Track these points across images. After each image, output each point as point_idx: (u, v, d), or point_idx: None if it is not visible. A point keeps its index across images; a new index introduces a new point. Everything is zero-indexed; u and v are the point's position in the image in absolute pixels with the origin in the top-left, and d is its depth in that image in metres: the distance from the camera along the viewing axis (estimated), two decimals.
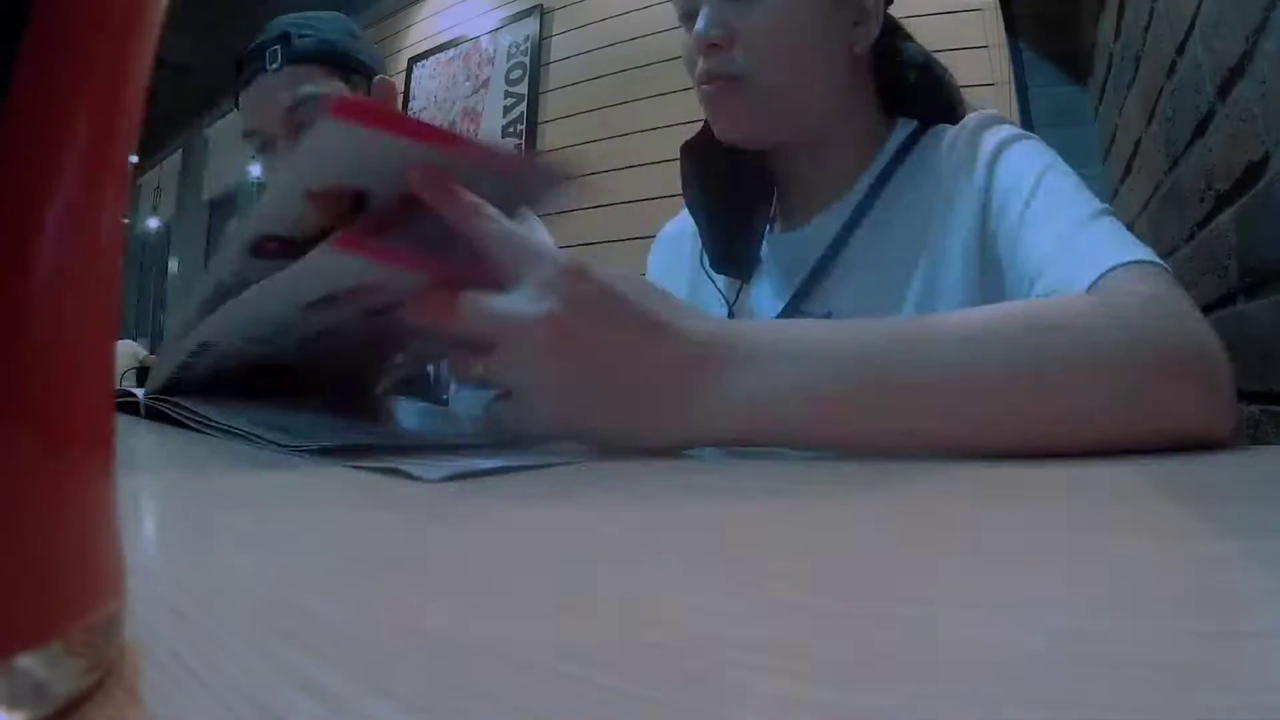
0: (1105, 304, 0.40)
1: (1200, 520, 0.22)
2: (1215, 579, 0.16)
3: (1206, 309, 0.96)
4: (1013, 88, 1.85)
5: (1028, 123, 1.81)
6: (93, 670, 0.10)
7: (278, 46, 0.88)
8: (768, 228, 0.69)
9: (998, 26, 1.90)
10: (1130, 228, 0.50)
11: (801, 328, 0.40)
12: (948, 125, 0.63)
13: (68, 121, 0.09)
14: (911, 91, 0.66)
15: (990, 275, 0.55)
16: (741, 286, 0.69)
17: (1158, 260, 0.45)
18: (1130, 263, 0.44)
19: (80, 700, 0.10)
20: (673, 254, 0.77)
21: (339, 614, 0.14)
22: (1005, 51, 1.89)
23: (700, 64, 0.60)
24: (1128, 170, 1.40)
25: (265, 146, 0.90)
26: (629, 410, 0.37)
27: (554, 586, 0.16)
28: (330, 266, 0.35)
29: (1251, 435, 0.84)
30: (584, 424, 0.37)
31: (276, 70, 0.88)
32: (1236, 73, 0.80)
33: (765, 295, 0.67)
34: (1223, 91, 0.85)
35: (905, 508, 0.25)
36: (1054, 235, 0.49)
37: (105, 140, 0.10)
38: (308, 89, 0.88)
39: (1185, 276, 1.06)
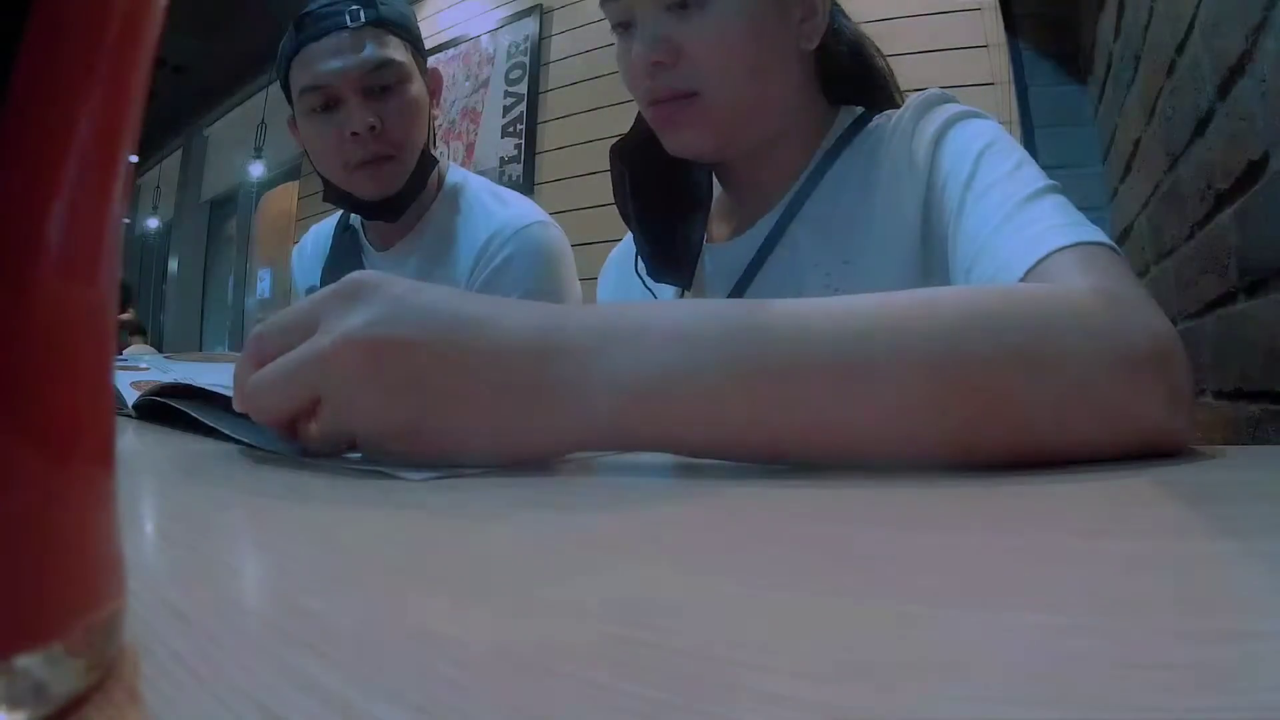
0: (1051, 293, 0.36)
1: (1200, 520, 0.22)
2: (1215, 579, 0.16)
3: (1206, 309, 0.96)
4: (1013, 88, 1.85)
5: (1027, 122, 1.81)
6: (93, 670, 0.10)
7: (359, 6, 0.85)
8: (705, 237, 0.65)
9: (998, 26, 1.90)
10: (1130, 227, 0.49)
11: (655, 307, 0.34)
12: (894, 110, 0.59)
13: (68, 121, 0.09)
14: (851, 77, 0.63)
15: (938, 265, 0.51)
16: (683, 294, 0.65)
17: (1104, 240, 0.41)
18: (1074, 245, 0.40)
19: (80, 700, 0.10)
20: (622, 274, 0.72)
21: (339, 614, 0.14)
22: (1005, 51, 1.88)
23: (646, 83, 0.56)
24: (1128, 170, 1.40)
25: (327, 105, 0.86)
26: (466, 419, 0.31)
27: (553, 586, 0.16)
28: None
29: (1251, 435, 0.84)
30: (429, 441, 0.32)
31: (359, 27, 0.85)
32: (1236, 72, 0.80)
33: None
34: (1223, 91, 0.85)
35: (905, 507, 0.25)
36: (990, 219, 0.46)
37: (105, 140, 0.10)
38: (392, 52, 0.86)
39: (1185, 276, 1.06)
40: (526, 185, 2.76)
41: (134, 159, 0.11)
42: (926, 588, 0.15)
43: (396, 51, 0.87)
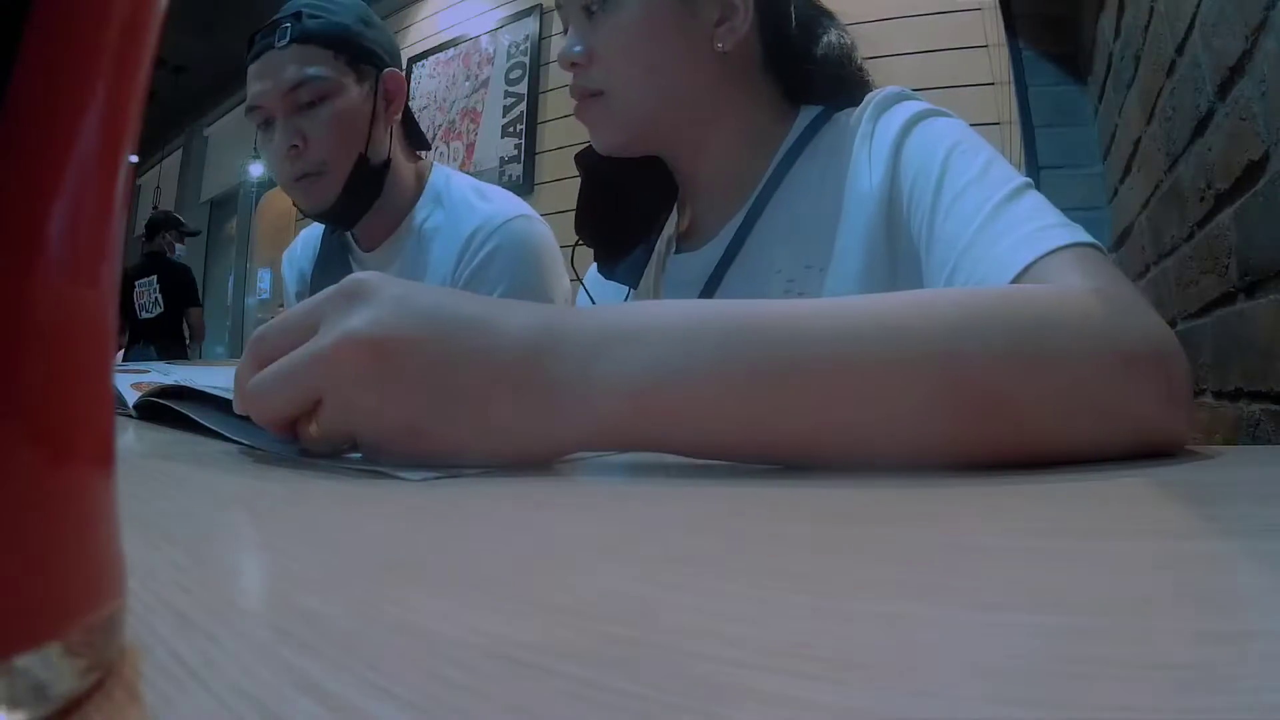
0: (1047, 293, 0.36)
1: (1200, 520, 0.22)
2: (1215, 579, 0.16)
3: (1206, 309, 0.96)
4: (1013, 88, 1.85)
5: (1028, 122, 1.81)
6: (93, 670, 0.10)
7: (289, 24, 0.88)
8: (673, 249, 0.67)
9: (998, 26, 1.90)
10: (1130, 227, 0.49)
11: (653, 308, 0.34)
12: (853, 109, 0.59)
13: (68, 121, 0.09)
14: (813, 78, 0.63)
15: (905, 268, 0.51)
16: (629, 294, 0.67)
17: (1090, 239, 0.41)
18: (1065, 247, 0.40)
19: (80, 700, 0.10)
20: (594, 281, 0.75)
21: (339, 614, 0.14)
22: (1005, 51, 1.88)
23: (572, 82, 0.61)
24: (1128, 170, 1.40)
25: (266, 124, 0.89)
26: (465, 419, 0.31)
27: (552, 586, 0.16)
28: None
29: (1251, 435, 0.84)
30: (429, 441, 0.31)
31: (284, 47, 0.87)
32: (1236, 72, 0.80)
33: None
34: (1223, 91, 0.85)
35: (904, 507, 0.25)
36: (967, 224, 0.45)
37: (105, 140, 0.10)
38: (311, 70, 0.87)
39: (1185, 276, 1.06)
40: (526, 185, 2.76)
41: (134, 159, 0.11)
42: (926, 587, 0.15)
43: (319, 68, 0.88)
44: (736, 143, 0.62)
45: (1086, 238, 0.41)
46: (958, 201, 0.47)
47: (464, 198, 0.97)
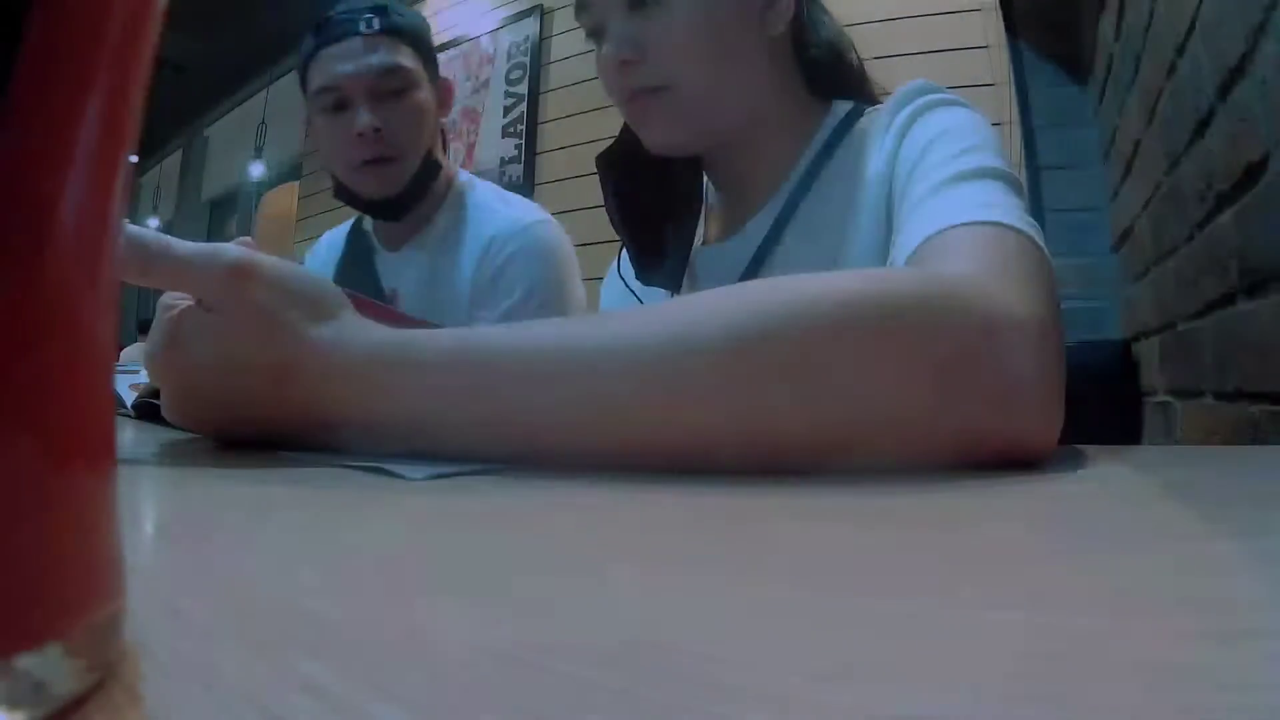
0: (876, 278, 0.35)
1: (1200, 520, 0.22)
2: (1215, 579, 0.16)
3: (1206, 309, 0.96)
4: (1013, 88, 1.85)
5: (1028, 123, 1.81)
6: (93, 670, 0.10)
7: (374, 15, 0.91)
8: (701, 241, 0.66)
9: (998, 26, 1.90)
10: (1130, 228, 0.48)
11: (422, 335, 0.36)
12: (882, 105, 0.59)
13: (68, 121, 0.09)
14: (833, 71, 0.63)
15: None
16: (672, 297, 0.65)
17: (1021, 225, 0.38)
18: (968, 224, 0.38)
19: (80, 700, 0.10)
20: (615, 282, 0.73)
21: (339, 614, 0.14)
22: (1005, 51, 1.88)
23: (618, 82, 0.59)
24: (1128, 170, 1.40)
25: (338, 106, 0.92)
26: (239, 402, 0.36)
27: (552, 586, 0.16)
28: None
29: (1251, 436, 0.84)
30: (208, 413, 0.38)
31: (372, 35, 0.90)
32: (1236, 73, 0.80)
33: None
34: (1223, 91, 0.85)
35: (905, 508, 0.25)
36: (912, 197, 0.45)
37: (106, 140, 0.10)
38: (402, 59, 0.92)
39: (1185, 277, 1.06)
40: (526, 186, 2.76)
41: (134, 159, 0.11)
42: (925, 588, 0.15)
43: (405, 59, 0.92)
44: (775, 134, 0.61)
45: (1016, 222, 0.39)
46: (918, 180, 0.47)
47: (487, 202, 1.01)
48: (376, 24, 0.91)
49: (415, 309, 0.91)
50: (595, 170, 0.66)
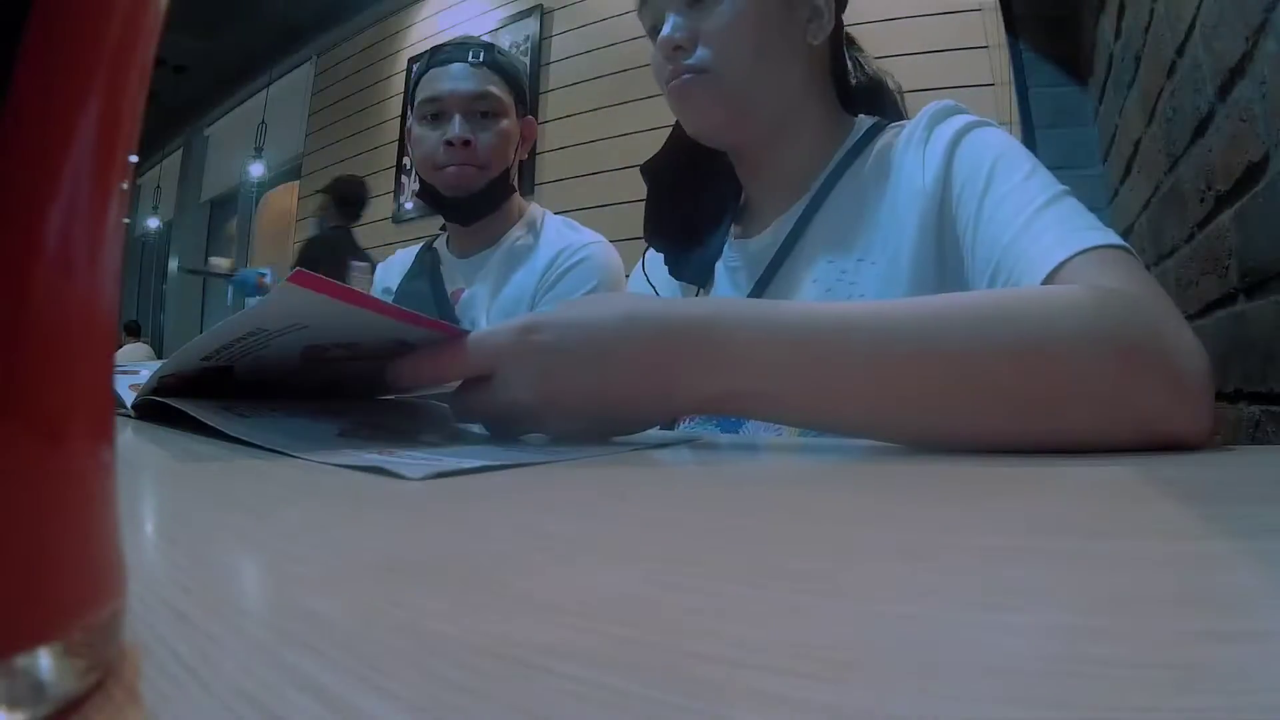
0: (1055, 293, 0.40)
1: (1200, 520, 0.22)
2: (1215, 579, 0.16)
3: (1206, 309, 0.96)
4: (1013, 88, 1.85)
5: (1028, 123, 1.81)
6: (93, 670, 0.10)
7: (482, 50, 1.12)
8: (729, 235, 0.72)
9: (998, 26, 1.90)
10: (1130, 228, 0.50)
11: (767, 306, 0.42)
12: (907, 121, 0.65)
13: (68, 121, 0.09)
14: (865, 92, 0.70)
15: (952, 270, 0.56)
16: (699, 292, 0.72)
17: (1118, 241, 0.44)
18: (1090, 249, 0.44)
19: (80, 700, 0.10)
20: (636, 285, 0.80)
21: (339, 614, 0.14)
22: (1005, 51, 1.89)
23: (667, 65, 0.65)
24: (1128, 170, 1.40)
25: (436, 116, 1.10)
26: (617, 394, 0.41)
27: (552, 586, 0.16)
28: (290, 300, 0.39)
29: (1251, 435, 0.84)
30: (585, 415, 0.42)
31: (477, 65, 1.10)
32: (1236, 73, 0.80)
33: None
34: (1223, 91, 0.85)
35: (906, 508, 0.25)
36: (1009, 226, 0.50)
37: (106, 140, 0.10)
38: (494, 89, 1.11)
39: (1185, 276, 1.06)
40: (527, 185, 2.76)
41: (134, 159, 0.11)
42: (927, 587, 0.15)
43: (498, 89, 1.11)
44: (806, 137, 0.67)
45: (1117, 240, 0.44)
46: (1001, 206, 0.52)
47: (555, 227, 1.18)
48: (480, 56, 1.11)
49: (481, 305, 1.10)
50: (595, 170, 0.72)
